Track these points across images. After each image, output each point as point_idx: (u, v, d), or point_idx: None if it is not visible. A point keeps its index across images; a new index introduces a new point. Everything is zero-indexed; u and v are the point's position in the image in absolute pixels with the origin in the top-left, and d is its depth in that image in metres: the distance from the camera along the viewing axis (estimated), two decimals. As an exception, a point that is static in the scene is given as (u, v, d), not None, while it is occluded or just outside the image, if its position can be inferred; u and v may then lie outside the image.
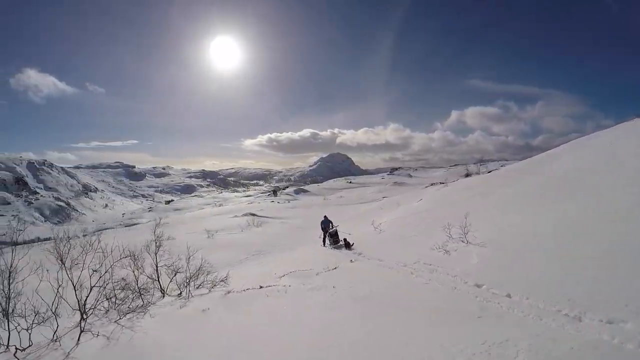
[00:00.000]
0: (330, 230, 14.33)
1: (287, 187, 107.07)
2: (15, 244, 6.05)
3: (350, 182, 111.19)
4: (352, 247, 12.35)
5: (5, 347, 4.87)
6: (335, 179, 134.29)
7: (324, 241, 14.47)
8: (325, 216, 15.46)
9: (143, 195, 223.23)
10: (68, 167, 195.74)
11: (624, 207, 7.20)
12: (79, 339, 5.13)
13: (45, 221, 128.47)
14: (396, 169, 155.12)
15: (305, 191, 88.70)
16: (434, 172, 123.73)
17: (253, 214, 33.72)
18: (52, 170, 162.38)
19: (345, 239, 13.03)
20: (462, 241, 8.25)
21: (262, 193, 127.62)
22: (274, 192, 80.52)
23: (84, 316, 5.67)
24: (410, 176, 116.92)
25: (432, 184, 46.25)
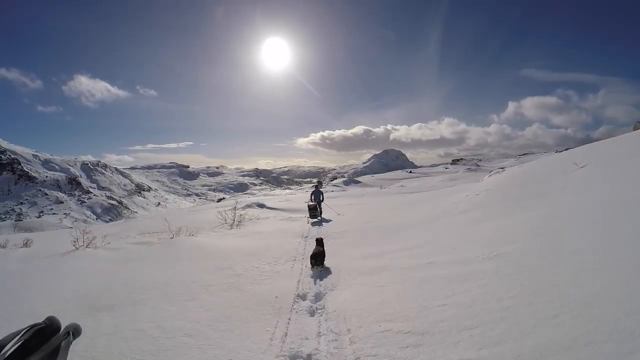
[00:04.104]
0: (310, 203, 13.41)
1: (336, 177, 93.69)
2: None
3: (411, 172, 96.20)
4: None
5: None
6: (390, 172, 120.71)
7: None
8: (315, 186, 15.70)
9: (196, 194, 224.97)
10: (123, 168, 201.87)
11: None
12: None
13: (96, 219, 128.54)
14: (458, 160, 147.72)
15: (357, 182, 73.97)
16: (502, 161, 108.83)
17: (261, 205, 19.52)
18: (105, 170, 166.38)
19: (319, 247, 6.09)
20: None
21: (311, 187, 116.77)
22: (319, 184, 66.08)
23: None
24: (478, 165, 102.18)
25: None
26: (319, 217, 12.82)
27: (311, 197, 14.09)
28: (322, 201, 13.92)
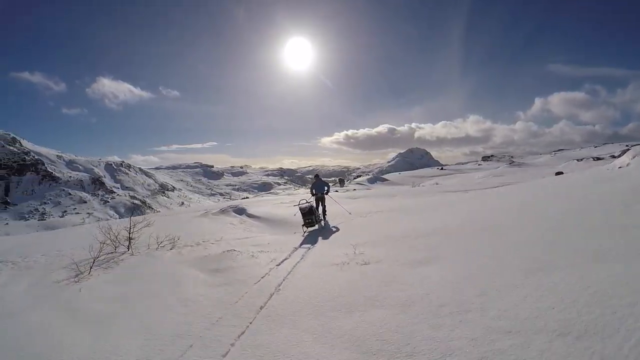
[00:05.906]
0: (303, 205, 9.28)
1: (360, 175, 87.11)
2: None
3: (442, 169, 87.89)
4: None
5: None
6: (419, 170, 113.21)
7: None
8: (316, 175, 11.67)
9: (220, 194, 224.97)
10: (148, 168, 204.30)
11: None
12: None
13: (119, 218, 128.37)
14: (489, 157, 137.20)
15: (383, 180, 66.79)
16: (537, 158, 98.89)
17: (241, 211, 13.25)
18: (129, 170, 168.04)
19: None
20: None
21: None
22: (340, 182, 59.38)
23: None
24: (513, 161, 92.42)
25: None
26: (322, 221, 9.66)
27: (311, 191, 11.02)
28: (327, 193, 10.76)
